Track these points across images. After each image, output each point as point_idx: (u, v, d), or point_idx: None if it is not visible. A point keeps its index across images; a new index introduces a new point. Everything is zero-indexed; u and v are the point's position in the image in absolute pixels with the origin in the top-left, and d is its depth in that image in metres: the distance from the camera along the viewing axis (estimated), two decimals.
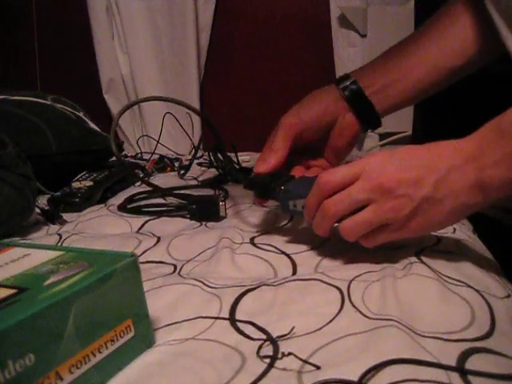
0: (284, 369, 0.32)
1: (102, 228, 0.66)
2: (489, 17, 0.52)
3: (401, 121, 1.32)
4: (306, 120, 0.58)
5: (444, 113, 1.31)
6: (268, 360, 0.33)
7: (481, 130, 0.41)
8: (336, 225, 0.47)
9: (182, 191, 0.81)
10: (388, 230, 0.44)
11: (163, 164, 1.12)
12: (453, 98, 1.30)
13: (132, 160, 1.21)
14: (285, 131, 0.58)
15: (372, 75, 0.61)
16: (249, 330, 0.37)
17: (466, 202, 0.41)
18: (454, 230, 0.57)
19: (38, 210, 0.73)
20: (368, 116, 0.60)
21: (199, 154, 1.16)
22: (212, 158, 1.01)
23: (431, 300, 0.40)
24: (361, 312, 0.39)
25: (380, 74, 0.60)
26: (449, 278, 0.43)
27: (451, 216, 0.43)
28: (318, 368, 0.32)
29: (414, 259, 0.47)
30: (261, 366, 0.32)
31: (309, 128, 0.58)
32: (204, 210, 0.68)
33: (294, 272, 0.49)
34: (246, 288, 0.44)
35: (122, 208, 0.74)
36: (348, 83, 0.60)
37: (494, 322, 0.37)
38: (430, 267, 0.45)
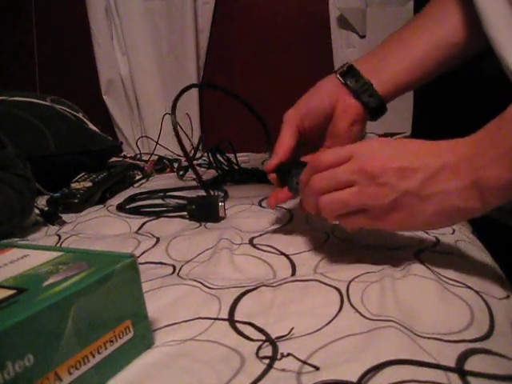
0: (283, 369, 0.32)
1: (101, 229, 0.66)
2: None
3: (400, 122, 1.32)
4: (305, 109, 0.59)
5: (443, 114, 1.31)
6: (267, 361, 0.33)
7: (480, 131, 0.39)
8: (336, 222, 0.47)
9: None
10: (366, 216, 0.43)
11: (162, 165, 1.13)
12: (452, 98, 1.31)
13: (131, 161, 1.21)
14: (286, 124, 0.58)
15: (369, 60, 0.60)
16: (248, 330, 0.37)
17: (457, 205, 0.39)
18: (454, 230, 0.57)
19: (37, 211, 0.73)
20: (368, 96, 0.58)
21: (198, 154, 1.16)
22: (211, 158, 1.01)
23: (430, 301, 0.40)
24: (360, 313, 0.39)
25: (378, 57, 0.60)
26: (448, 278, 0.43)
27: (438, 217, 0.41)
28: (317, 369, 0.32)
29: (413, 260, 0.47)
30: (260, 367, 0.32)
31: (308, 115, 0.58)
32: (203, 211, 0.68)
33: (293, 273, 0.49)
34: (245, 289, 0.44)
35: (121, 208, 0.74)
36: (345, 67, 0.60)
37: (493, 322, 0.37)
38: (429, 268, 0.45)
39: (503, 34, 0.49)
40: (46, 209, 0.76)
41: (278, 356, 0.34)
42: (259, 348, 0.35)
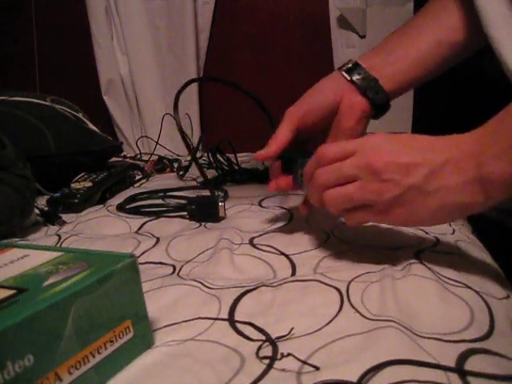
0: (283, 369, 0.32)
1: (101, 229, 0.66)
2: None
3: (400, 121, 1.32)
4: (307, 106, 0.59)
5: (443, 113, 1.31)
6: (267, 361, 0.33)
7: (483, 126, 0.40)
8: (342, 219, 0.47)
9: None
10: (370, 211, 0.43)
11: (162, 165, 1.13)
12: (452, 98, 1.31)
13: (131, 161, 1.21)
14: (286, 119, 0.58)
15: (373, 57, 0.60)
16: (248, 330, 0.37)
17: (461, 200, 0.39)
18: (454, 230, 0.57)
19: (37, 211, 0.73)
20: (375, 93, 0.58)
21: (198, 154, 1.16)
22: (211, 158, 1.01)
23: (430, 301, 0.40)
24: (360, 313, 0.39)
25: (382, 54, 0.60)
26: (448, 278, 0.43)
27: (441, 212, 0.40)
28: (318, 369, 0.32)
29: (413, 260, 0.47)
30: (260, 367, 0.32)
31: (310, 111, 0.58)
32: (203, 211, 0.68)
33: (294, 273, 0.49)
34: (245, 289, 0.44)
35: (121, 208, 0.74)
36: (350, 64, 0.59)
37: (493, 322, 0.37)
38: (429, 268, 0.45)
39: (502, 33, 0.50)
40: (46, 209, 0.76)
41: (278, 356, 0.34)
42: (259, 348, 0.35)
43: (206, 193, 0.75)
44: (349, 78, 0.58)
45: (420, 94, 1.28)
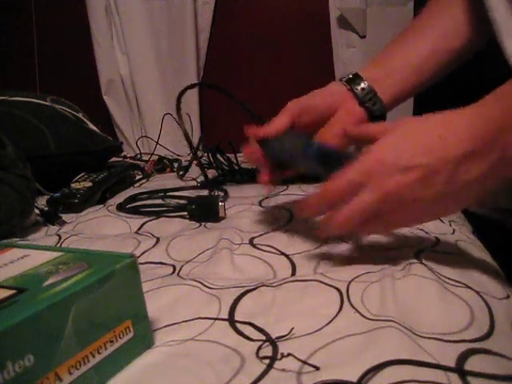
0: (283, 370, 0.32)
1: (101, 229, 0.66)
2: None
3: None
4: (306, 103, 0.60)
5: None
6: (267, 361, 0.33)
7: (494, 106, 0.42)
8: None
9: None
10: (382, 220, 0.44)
11: (162, 165, 1.13)
12: (452, 100, 1.31)
13: (131, 161, 1.21)
14: (284, 111, 0.59)
15: (373, 68, 0.62)
16: (248, 330, 0.37)
17: (484, 188, 0.41)
18: (454, 230, 0.57)
19: (37, 211, 0.73)
20: (372, 104, 0.59)
21: (198, 154, 1.16)
22: (211, 158, 1.01)
23: (430, 301, 0.40)
24: (360, 313, 0.39)
25: (381, 65, 0.62)
26: (448, 278, 0.43)
27: (465, 201, 0.44)
28: (318, 369, 0.32)
29: (413, 260, 0.47)
30: (260, 367, 0.32)
31: (307, 110, 0.59)
32: (203, 211, 0.68)
33: (294, 273, 0.49)
34: (245, 289, 0.44)
35: (121, 208, 0.74)
36: (350, 75, 0.61)
37: (493, 322, 0.37)
38: (429, 268, 0.45)
39: (503, 17, 0.50)
40: (46, 209, 0.76)
41: (278, 356, 0.34)
42: (259, 348, 0.35)
43: (206, 193, 0.75)
44: (348, 87, 0.60)
45: (420, 96, 1.28)
